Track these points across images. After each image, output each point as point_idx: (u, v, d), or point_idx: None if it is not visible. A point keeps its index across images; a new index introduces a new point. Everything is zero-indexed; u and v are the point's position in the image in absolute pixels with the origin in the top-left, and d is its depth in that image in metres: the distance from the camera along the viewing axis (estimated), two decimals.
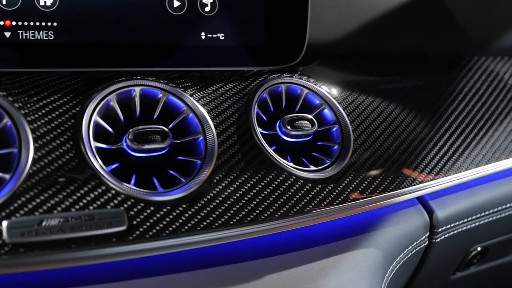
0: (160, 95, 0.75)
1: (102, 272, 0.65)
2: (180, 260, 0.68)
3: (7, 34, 0.73)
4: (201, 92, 0.78)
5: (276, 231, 0.72)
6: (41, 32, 0.74)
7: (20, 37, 0.73)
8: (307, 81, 0.86)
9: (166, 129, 0.71)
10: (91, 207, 0.64)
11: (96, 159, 0.67)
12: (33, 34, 0.74)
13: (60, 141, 0.67)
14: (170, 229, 0.66)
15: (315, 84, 0.86)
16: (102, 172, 0.66)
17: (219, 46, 0.83)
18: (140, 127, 0.70)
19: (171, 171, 0.72)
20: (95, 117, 0.70)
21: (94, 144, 0.68)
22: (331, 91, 0.86)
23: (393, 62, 0.99)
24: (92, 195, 0.65)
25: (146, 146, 0.69)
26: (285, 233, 0.74)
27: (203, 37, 0.82)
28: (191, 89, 0.78)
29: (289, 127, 0.78)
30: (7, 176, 0.63)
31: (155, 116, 0.75)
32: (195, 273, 0.68)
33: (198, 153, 0.74)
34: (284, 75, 0.85)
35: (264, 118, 0.81)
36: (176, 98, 0.75)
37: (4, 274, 0.61)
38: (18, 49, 0.73)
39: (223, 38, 0.83)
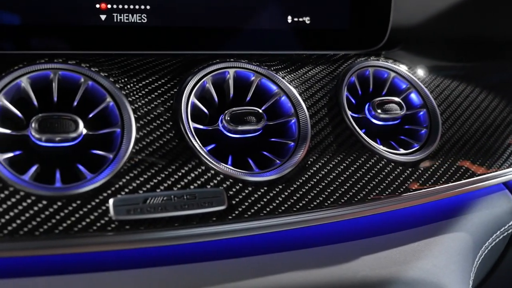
0: (253, 78, 0.76)
1: (201, 251, 0.65)
2: (275, 240, 0.69)
3: (103, 17, 0.74)
4: (292, 75, 0.79)
5: (369, 213, 0.72)
6: (134, 15, 0.75)
7: (115, 20, 0.75)
8: (394, 64, 0.85)
9: (260, 111, 0.71)
10: (191, 187, 0.65)
11: (196, 139, 0.68)
12: (127, 17, 0.75)
13: (160, 121, 0.68)
14: (268, 209, 0.67)
15: (401, 68, 0.85)
16: (202, 152, 0.67)
17: (305, 30, 0.83)
18: (236, 108, 0.71)
19: (265, 153, 0.72)
20: (192, 98, 0.71)
21: (192, 125, 0.69)
22: (416, 75, 0.86)
23: (477, 48, 0.98)
24: (192, 175, 0.66)
25: (241, 128, 0.70)
26: (377, 216, 0.74)
27: (289, 21, 0.82)
28: (282, 72, 0.78)
29: (378, 110, 0.78)
30: (110, 156, 0.64)
31: (247, 98, 0.75)
32: (291, 254, 0.68)
33: (290, 135, 0.74)
34: (371, 58, 0.85)
35: (353, 101, 0.81)
36: (268, 80, 0.76)
37: (110, 251, 0.62)
38: (113, 31, 0.75)
39: (308, 22, 0.83)
